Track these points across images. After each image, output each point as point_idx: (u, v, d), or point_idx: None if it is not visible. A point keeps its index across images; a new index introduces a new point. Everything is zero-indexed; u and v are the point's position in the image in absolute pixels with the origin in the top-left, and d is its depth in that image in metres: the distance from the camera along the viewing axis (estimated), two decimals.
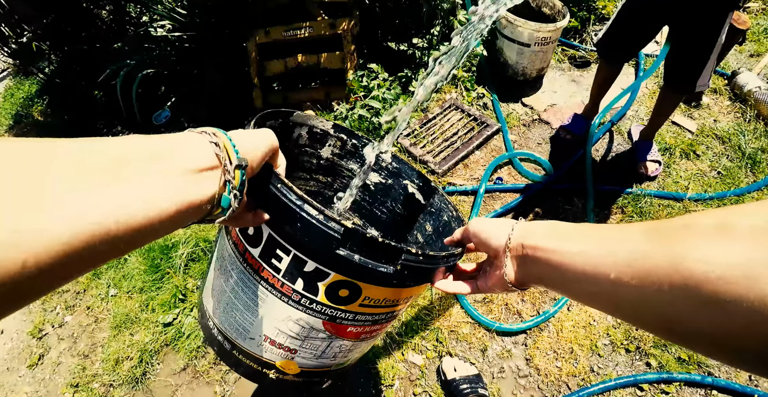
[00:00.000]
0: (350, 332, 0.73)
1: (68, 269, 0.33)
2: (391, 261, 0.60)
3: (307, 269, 0.63)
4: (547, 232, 0.56)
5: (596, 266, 0.46)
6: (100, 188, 0.34)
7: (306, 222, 0.57)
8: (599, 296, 0.46)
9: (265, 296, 0.68)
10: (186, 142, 0.44)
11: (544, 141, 2.44)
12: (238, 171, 0.48)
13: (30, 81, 4.48)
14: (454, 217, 0.94)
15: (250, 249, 0.66)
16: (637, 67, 2.65)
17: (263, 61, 2.86)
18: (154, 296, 2.27)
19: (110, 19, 3.50)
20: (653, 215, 2.05)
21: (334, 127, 0.97)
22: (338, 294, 0.65)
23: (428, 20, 2.78)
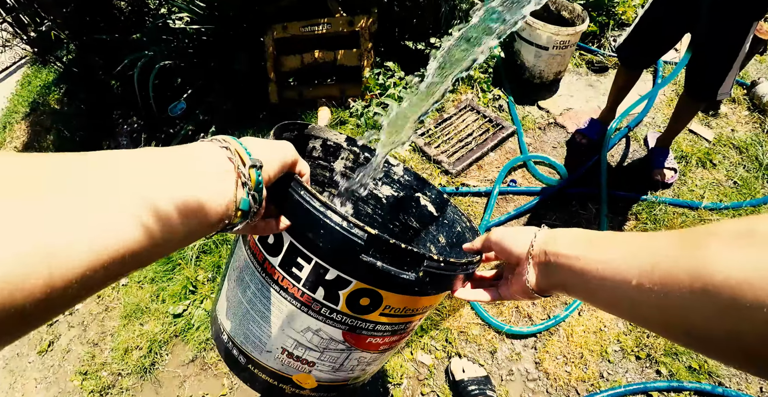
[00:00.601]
0: (369, 344, 0.72)
1: (96, 280, 0.33)
2: (414, 268, 0.60)
3: (328, 277, 0.62)
4: (570, 239, 0.56)
5: (619, 272, 0.46)
6: (123, 200, 0.35)
7: (329, 229, 0.57)
8: (621, 302, 0.46)
9: (284, 306, 0.67)
10: (197, 150, 0.45)
11: (559, 145, 2.42)
12: (253, 171, 0.48)
13: (47, 69, 4.49)
14: (468, 228, 0.93)
15: (270, 258, 0.66)
16: (656, 74, 2.61)
17: (280, 56, 2.85)
18: (165, 286, 2.27)
19: (129, 10, 3.49)
20: (667, 223, 2.03)
21: (348, 140, 0.96)
22: (359, 303, 0.64)
23: (447, 20, 2.76)
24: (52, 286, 0.29)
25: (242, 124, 2.91)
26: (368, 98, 2.67)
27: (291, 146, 0.57)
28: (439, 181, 2.32)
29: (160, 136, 3.08)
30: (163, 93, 3.10)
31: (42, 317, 0.31)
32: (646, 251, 0.44)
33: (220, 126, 2.96)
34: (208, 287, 2.17)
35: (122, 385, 2.06)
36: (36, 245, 0.29)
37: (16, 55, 5.27)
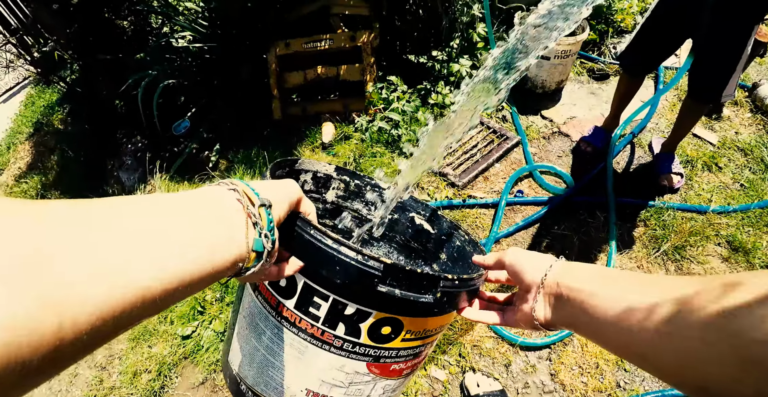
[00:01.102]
0: (394, 370, 0.71)
1: (106, 330, 0.32)
2: (431, 290, 0.61)
3: (347, 312, 0.62)
4: (587, 274, 0.55)
5: (637, 316, 0.44)
6: (134, 248, 0.34)
7: (344, 264, 0.57)
8: (635, 346, 0.45)
9: (304, 347, 0.66)
10: (206, 194, 0.45)
11: (564, 154, 2.41)
12: (263, 210, 0.48)
13: (51, 90, 4.51)
14: (467, 241, 0.94)
15: (284, 301, 0.65)
16: (657, 79, 2.62)
17: (283, 73, 2.86)
18: (172, 308, 2.24)
19: (132, 30, 3.52)
20: (676, 228, 2.01)
21: (337, 169, 0.98)
22: (381, 332, 0.64)
23: (447, 33, 2.77)
24: (61, 338, 0.28)
25: (246, 141, 2.91)
26: (372, 113, 2.67)
27: (295, 184, 0.58)
28: (445, 194, 2.31)
29: (164, 154, 3.08)
30: (167, 112, 3.11)
31: (48, 373, 0.29)
32: (669, 297, 0.42)
33: (224, 144, 2.97)
34: (216, 308, 2.15)
35: None
36: (43, 294, 0.27)
37: (20, 75, 5.30)
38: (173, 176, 2.96)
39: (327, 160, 2.59)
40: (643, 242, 2.03)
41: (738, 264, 1.93)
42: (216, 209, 0.44)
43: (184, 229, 0.39)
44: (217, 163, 2.92)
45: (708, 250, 1.97)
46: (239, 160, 2.80)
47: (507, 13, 2.88)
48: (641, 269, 1.96)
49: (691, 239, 1.98)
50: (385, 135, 2.56)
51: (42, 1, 3.41)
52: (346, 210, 1.03)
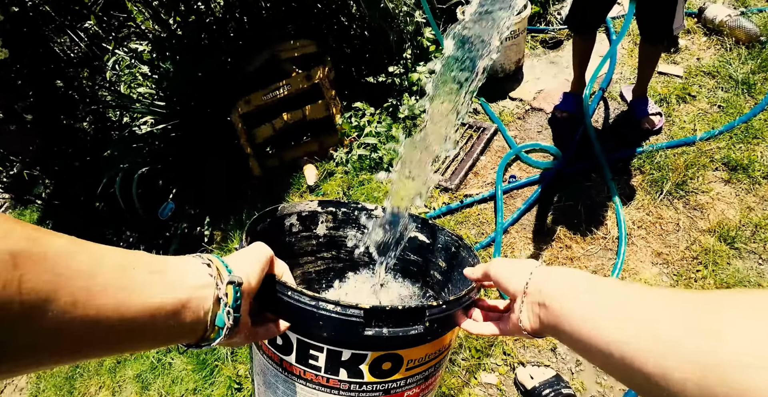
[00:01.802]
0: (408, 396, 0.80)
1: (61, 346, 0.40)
2: (418, 321, 0.68)
3: (344, 358, 0.70)
4: (568, 283, 0.59)
5: (617, 333, 0.47)
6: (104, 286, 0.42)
7: (326, 318, 0.66)
8: (613, 365, 0.48)
9: (316, 395, 0.75)
10: (181, 262, 0.54)
11: (543, 128, 2.69)
12: (231, 287, 0.55)
13: (30, 210, 4.86)
14: (462, 246, 1.03)
15: (285, 357, 0.74)
16: (608, 31, 2.92)
17: (251, 130, 3.16)
18: (209, 393, 2.43)
19: (93, 129, 3.86)
20: (672, 166, 2.25)
21: (320, 203, 1.08)
22: (382, 369, 0.72)
23: (398, 46, 3.08)
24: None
25: (234, 205, 3.19)
26: (348, 143, 2.96)
27: (265, 247, 0.68)
28: (442, 201, 2.56)
29: (157, 242, 3.36)
30: (149, 199, 3.39)
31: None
32: (652, 315, 0.45)
33: (213, 214, 3.25)
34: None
35: None
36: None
37: None
38: None
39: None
40: (645, 188, 2.27)
41: (740, 182, 2.17)
42: (186, 279, 0.52)
43: (156, 284, 0.48)
44: (211, 236, 3.19)
45: (708, 177, 2.21)
46: (232, 227, 3.08)
47: (449, 11, 3.19)
48: (651, 215, 2.19)
49: (689, 173, 2.22)
50: (367, 161, 2.85)
51: None
52: (342, 240, 1.14)
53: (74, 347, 0.41)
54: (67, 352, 0.41)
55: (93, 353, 0.45)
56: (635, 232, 2.18)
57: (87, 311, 0.40)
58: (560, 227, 2.31)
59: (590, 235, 2.24)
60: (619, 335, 0.46)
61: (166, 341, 0.51)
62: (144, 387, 2.68)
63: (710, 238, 2.07)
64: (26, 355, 0.38)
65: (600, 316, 0.50)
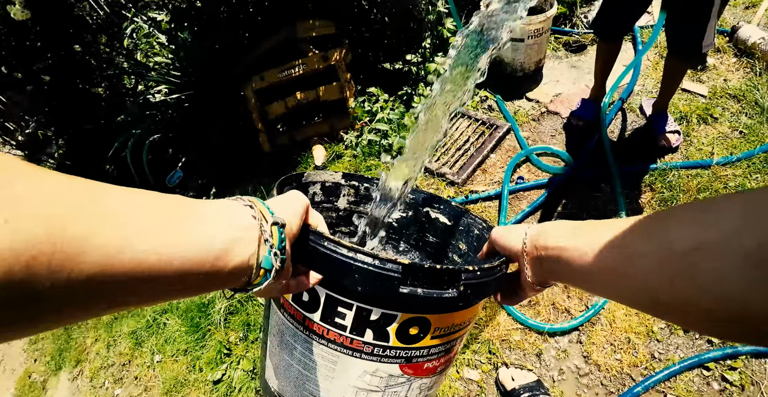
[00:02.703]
0: (427, 369, 0.76)
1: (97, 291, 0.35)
2: (453, 284, 0.65)
3: (373, 317, 0.66)
4: (557, 232, 0.61)
5: (595, 258, 0.51)
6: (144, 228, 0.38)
7: (363, 271, 0.61)
8: (601, 284, 0.53)
9: (336, 357, 0.71)
10: (222, 204, 0.49)
11: (557, 132, 2.55)
12: (275, 228, 0.51)
13: None
14: (485, 228, 0.98)
15: (309, 315, 0.70)
16: (635, 40, 2.75)
17: (264, 106, 3.07)
18: (199, 355, 2.42)
19: (108, 95, 3.79)
20: (683, 187, 2.12)
21: (344, 176, 1.03)
22: (409, 333, 0.69)
23: (417, 35, 2.96)
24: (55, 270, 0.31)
25: (241, 179, 3.12)
26: (359, 127, 2.86)
27: (302, 195, 0.63)
28: (447, 194, 2.46)
29: None
30: (159, 166, 3.34)
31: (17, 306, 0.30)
32: (617, 233, 0.49)
33: (219, 186, 3.18)
34: (241, 347, 2.32)
35: None
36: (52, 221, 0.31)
37: None
38: None
39: None
40: (653, 206, 2.15)
41: None
42: (231, 220, 0.48)
43: (198, 226, 0.44)
44: None
45: None
46: None
47: (472, 2, 3.06)
48: None
49: (700, 196, 2.09)
50: (376, 147, 2.74)
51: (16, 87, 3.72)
52: (361, 215, 1.08)
53: (118, 295, 0.37)
54: (109, 301, 0.37)
55: (138, 301, 0.41)
56: None
57: (130, 257, 0.36)
58: None
59: None
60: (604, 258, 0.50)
61: (212, 285, 0.46)
62: (137, 344, 2.69)
63: None
64: (66, 306, 0.34)
65: (586, 247, 0.53)
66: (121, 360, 2.72)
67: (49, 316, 0.33)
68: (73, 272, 0.32)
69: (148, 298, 0.42)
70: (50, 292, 0.31)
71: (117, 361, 2.73)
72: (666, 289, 0.42)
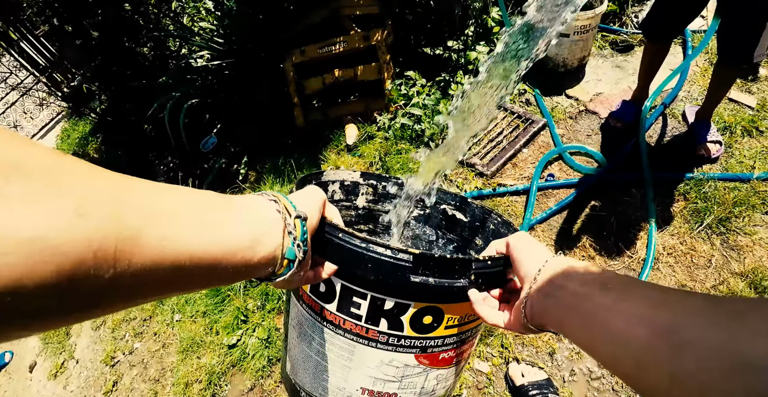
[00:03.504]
0: (443, 359, 0.75)
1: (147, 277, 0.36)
2: (464, 274, 0.64)
3: (387, 306, 0.66)
4: (582, 274, 0.53)
5: (632, 326, 0.42)
6: (186, 222, 0.40)
7: (376, 261, 0.62)
8: (624, 359, 0.43)
9: (352, 347, 0.72)
10: (249, 200, 0.52)
11: (593, 132, 2.43)
12: (298, 221, 0.54)
13: (83, 121, 4.84)
14: (501, 223, 0.97)
15: (326, 306, 0.70)
16: (685, 45, 2.58)
17: (301, 80, 3.00)
18: (217, 319, 2.41)
19: (152, 56, 3.76)
20: (719, 200, 2.00)
21: (363, 175, 1.02)
22: (423, 322, 0.68)
23: (461, 22, 2.83)
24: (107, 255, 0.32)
25: (272, 151, 3.07)
26: (393, 110, 2.77)
27: (320, 190, 0.64)
28: (475, 185, 2.37)
29: (195, 172, 3.28)
30: (194, 130, 3.31)
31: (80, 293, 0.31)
32: (671, 310, 0.41)
33: (251, 155, 3.13)
34: (258, 316, 2.30)
35: None
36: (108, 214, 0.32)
37: (53, 111, 5.71)
38: None
39: (353, 162, 2.70)
40: (684, 216, 2.03)
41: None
42: (258, 214, 0.50)
43: (230, 220, 0.46)
44: (246, 175, 3.09)
45: (755, 220, 1.95)
46: (267, 171, 2.96)
47: None
48: (684, 245, 1.97)
49: (735, 210, 1.96)
50: (409, 131, 2.65)
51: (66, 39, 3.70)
52: (379, 214, 1.07)
53: (161, 285, 0.38)
54: (153, 290, 0.38)
55: (174, 291, 0.42)
56: (663, 258, 1.97)
57: (176, 248, 0.38)
58: (587, 236, 2.10)
59: (616, 251, 2.04)
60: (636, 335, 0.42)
61: (241, 275, 0.48)
62: (159, 302, 2.69)
63: (740, 282, 1.83)
64: (119, 294, 0.35)
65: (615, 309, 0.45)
66: (142, 315, 2.73)
67: (104, 303, 0.34)
68: (130, 263, 0.34)
69: (184, 288, 0.42)
70: (110, 281, 0.32)
71: (139, 316, 2.75)
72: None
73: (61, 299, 0.30)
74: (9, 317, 0.28)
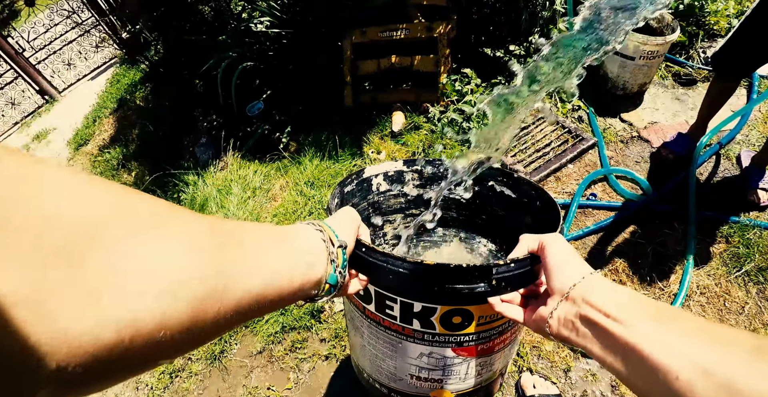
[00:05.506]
0: (482, 349, 0.73)
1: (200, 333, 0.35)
2: (485, 279, 0.61)
3: (416, 309, 0.66)
4: (619, 298, 0.48)
5: (671, 359, 0.39)
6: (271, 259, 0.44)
7: (395, 272, 0.62)
8: (657, 390, 0.40)
9: (394, 341, 0.74)
10: (299, 230, 0.53)
11: (642, 160, 2.25)
12: (340, 251, 0.55)
13: (135, 69, 4.68)
14: (546, 200, 0.89)
15: (367, 306, 0.73)
16: (750, 88, 2.38)
17: (357, 61, 2.82)
18: None
19: (212, 15, 3.57)
20: (762, 248, 1.84)
21: (405, 163, 0.99)
22: (453, 322, 0.67)
23: (527, 28, 2.65)
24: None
25: (317, 125, 2.91)
26: (444, 104, 2.59)
27: (354, 213, 0.65)
28: None
29: (237, 134, 3.12)
30: (243, 93, 3.14)
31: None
32: (718, 348, 0.38)
33: (295, 126, 2.97)
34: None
35: (191, 369, 2.09)
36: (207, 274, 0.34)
37: (107, 56, 5.54)
38: (245, 155, 2.99)
39: (395, 148, 2.54)
40: (724, 259, 1.87)
41: None
42: (309, 244, 0.52)
43: (278, 252, 0.46)
44: (287, 144, 2.93)
45: None
46: (309, 143, 2.80)
47: None
48: (719, 287, 1.81)
49: None
50: (456, 127, 2.48)
51: None
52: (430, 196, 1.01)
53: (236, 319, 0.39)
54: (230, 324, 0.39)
55: (243, 320, 0.41)
56: (696, 297, 1.81)
57: (258, 285, 0.40)
58: (621, 261, 1.95)
59: (648, 281, 1.88)
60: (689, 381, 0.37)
61: (294, 298, 0.48)
62: None
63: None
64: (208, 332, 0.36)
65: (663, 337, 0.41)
66: None
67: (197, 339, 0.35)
68: (221, 308, 0.35)
69: (251, 316, 0.42)
70: (210, 323, 0.34)
71: None
72: None
73: None
74: (163, 356, 0.31)
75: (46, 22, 6.40)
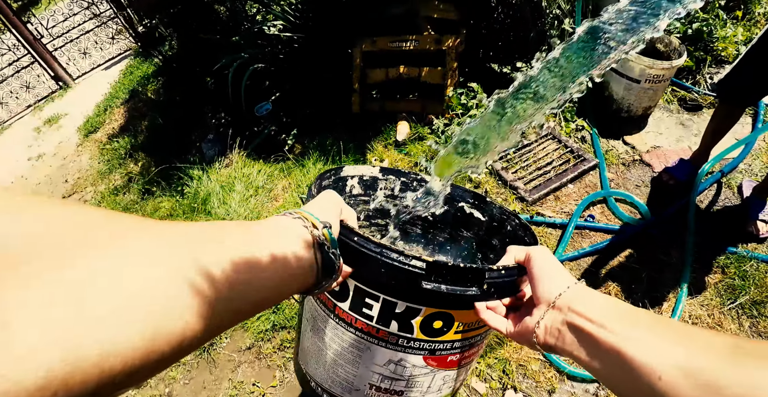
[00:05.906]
0: (451, 361, 0.71)
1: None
2: (476, 283, 0.59)
3: (398, 310, 0.63)
4: (604, 306, 0.48)
5: (652, 360, 0.40)
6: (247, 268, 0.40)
7: (389, 266, 0.57)
8: (642, 391, 0.40)
9: (362, 345, 0.69)
10: (280, 223, 0.49)
11: (643, 184, 2.22)
12: (326, 231, 0.51)
13: (149, 62, 4.67)
14: (518, 225, 0.89)
15: (339, 304, 0.67)
16: (756, 117, 2.34)
17: (366, 69, 2.80)
18: None
19: (228, 15, 3.56)
20: (758, 281, 1.80)
21: (381, 170, 0.96)
22: (433, 327, 0.64)
23: (534, 45, 2.62)
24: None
25: (322, 129, 2.89)
26: (449, 117, 2.57)
27: (336, 195, 0.60)
28: (513, 207, 2.18)
29: (244, 132, 3.11)
30: (252, 93, 3.13)
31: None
32: (699, 349, 0.38)
33: (301, 129, 2.95)
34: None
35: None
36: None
37: (122, 48, 5.55)
38: (250, 154, 2.98)
39: (398, 157, 2.52)
40: (719, 290, 1.84)
41: None
42: (291, 237, 0.48)
43: (279, 256, 0.44)
44: (292, 146, 2.92)
45: None
46: (314, 147, 2.78)
47: None
48: (712, 318, 1.78)
49: None
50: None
51: None
52: (394, 206, 0.98)
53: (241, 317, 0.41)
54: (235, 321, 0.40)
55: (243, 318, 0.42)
56: None
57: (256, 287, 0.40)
58: (615, 285, 1.91)
59: (641, 305, 1.85)
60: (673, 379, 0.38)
61: (292, 291, 0.48)
62: None
63: None
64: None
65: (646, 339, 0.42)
66: None
67: None
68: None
69: (253, 313, 0.42)
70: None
71: None
72: None
73: None
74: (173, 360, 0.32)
75: (66, 11, 6.42)
